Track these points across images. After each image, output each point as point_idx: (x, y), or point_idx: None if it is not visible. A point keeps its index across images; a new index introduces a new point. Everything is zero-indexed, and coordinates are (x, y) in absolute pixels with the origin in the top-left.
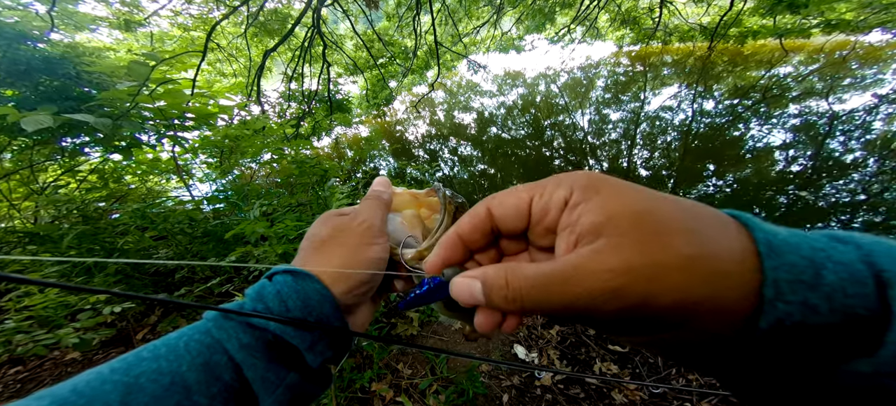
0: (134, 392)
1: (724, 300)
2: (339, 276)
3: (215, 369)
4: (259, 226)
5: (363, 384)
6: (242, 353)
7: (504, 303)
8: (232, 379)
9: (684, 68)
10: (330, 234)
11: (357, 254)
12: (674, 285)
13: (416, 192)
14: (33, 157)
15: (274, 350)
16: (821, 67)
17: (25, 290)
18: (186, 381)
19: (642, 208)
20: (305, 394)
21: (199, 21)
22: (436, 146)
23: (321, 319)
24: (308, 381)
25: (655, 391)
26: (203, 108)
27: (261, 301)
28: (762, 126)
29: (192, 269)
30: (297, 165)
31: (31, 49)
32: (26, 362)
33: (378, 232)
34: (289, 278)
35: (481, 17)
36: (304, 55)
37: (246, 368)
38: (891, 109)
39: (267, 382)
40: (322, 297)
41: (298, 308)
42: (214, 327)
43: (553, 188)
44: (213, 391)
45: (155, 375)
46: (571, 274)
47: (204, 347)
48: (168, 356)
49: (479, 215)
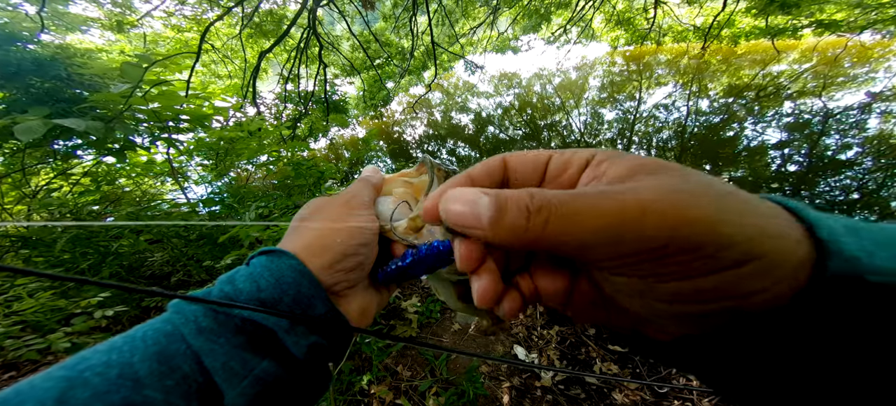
0: (75, 386)
1: (774, 234)
2: (316, 249)
3: (172, 359)
4: (253, 229)
5: (362, 386)
6: (201, 339)
7: (520, 222)
8: (192, 370)
9: (678, 68)
10: (310, 211)
11: (336, 223)
12: (733, 215)
13: (406, 174)
14: (25, 161)
15: (243, 335)
16: (814, 66)
17: (15, 293)
18: (137, 373)
19: (672, 164)
20: (288, 388)
21: (192, 22)
22: (433, 147)
23: (299, 299)
24: (291, 373)
25: (658, 391)
26: (198, 109)
27: (230, 283)
28: (756, 125)
29: (188, 272)
30: (293, 167)
31: (21, 50)
32: (20, 367)
33: (361, 203)
34: (263, 259)
35: (478, 18)
36: (300, 56)
37: (204, 356)
38: (884, 107)
39: (230, 372)
40: (298, 273)
41: (270, 286)
42: (174, 312)
43: (574, 151)
44: (169, 384)
45: (101, 368)
46: (601, 198)
47: (161, 335)
48: (122, 347)
49: (493, 162)
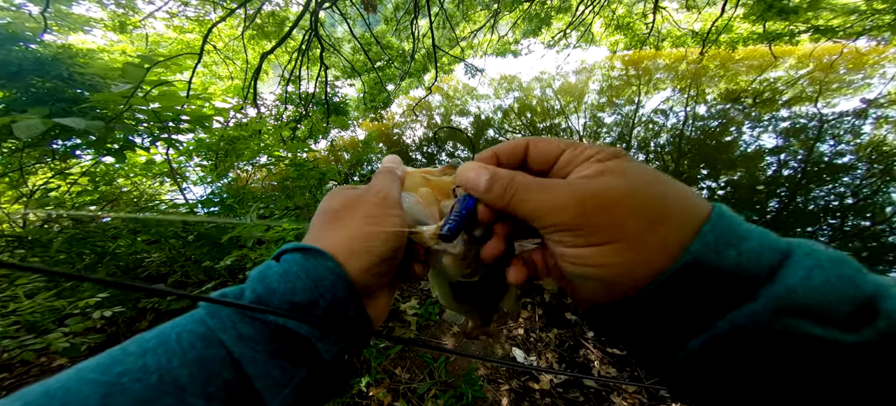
0: (115, 394)
1: (649, 241)
2: (355, 251)
3: (212, 365)
4: (256, 229)
5: (360, 389)
6: (242, 346)
7: (499, 191)
8: (232, 376)
9: (677, 73)
10: (343, 205)
11: (375, 225)
12: (618, 212)
13: (427, 172)
14: (23, 160)
15: (278, 341)
16: (810, 72)
17: (11, 292)
18: (177, 379)
19: (629, 167)
20: (319, 392)
21: (195, 23)
22: (433, 149)
23: (334, 303)
24: (321, 377)
25: (655, 394)
26: (198, 110)
27: (262, 283)
28: (753, 130)
29: (186, 273)
30: (295, 168)
31: (23, 50)
32: (12, 369)
33: (395, 203)
34: (298, 256)
35: (478, 22)
36: (301, 58)
37: (246, 364)
38: (879, 113)
39: (271, 381)
40: (336, 277)
41: (308, 289)
42: (208, 315)
43: (585, 147)
44: (211, 391)
45: (140, 374)
46: (552, 187)
47: (198, 339)
48: (156, 351)
49: (518, 142)
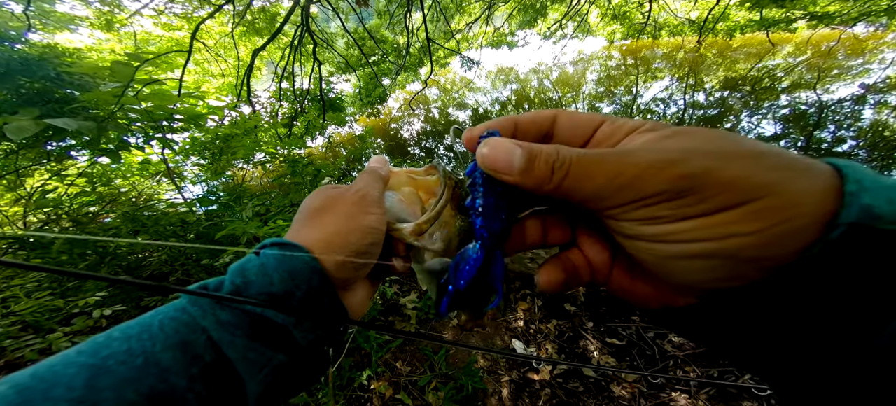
0: (101, 374)
1: (795, 191)
2: (331, 246)
3: (193, 348)
4: (250, 226)
5: (362, 382)
6: (221, 331)
7: (545, 172)
8: (212, 359)
9: (675, 62)
10: (323, 203)
11: (351, 221)
12: (738, 165)
13: (412, 171)
14: (19, 162)
15: (256, 328)
16: (808, 58)
17: (12, 293)
18: (160, 362)
19: (699, 130)
20: (296, 376)
21: (183, 20)
22: (431, 143)
23: (309, 293)
24: (299, 361)
25: (654, 382)
26: (192, 109)
27: (241, 275)
28: (752, 117)
29: (187, 271)
30: (289, 165)
31: (8, 50)
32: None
33: (374, 201)
34: (276, 251)
35: (473, 13)
36: (294, 54)
37: (226, 347)
38: (878, 98)
39: (250, 363)
40: (311, 270)
41: (283, 281)
42: (189, 303)
43: (625, 120)
44: (194, 372)
45: (125, 357)
46: (623, 154)
47: (180, 325)
48: (140, 336)
49: (543, 114)
